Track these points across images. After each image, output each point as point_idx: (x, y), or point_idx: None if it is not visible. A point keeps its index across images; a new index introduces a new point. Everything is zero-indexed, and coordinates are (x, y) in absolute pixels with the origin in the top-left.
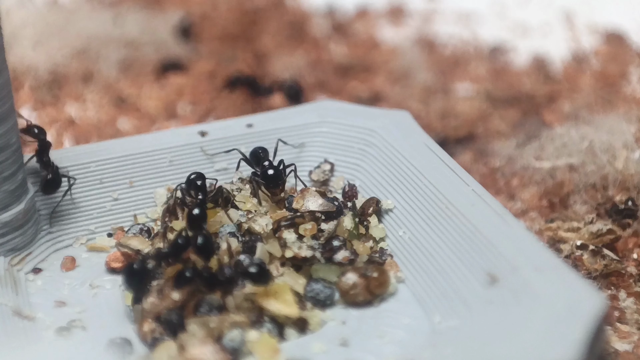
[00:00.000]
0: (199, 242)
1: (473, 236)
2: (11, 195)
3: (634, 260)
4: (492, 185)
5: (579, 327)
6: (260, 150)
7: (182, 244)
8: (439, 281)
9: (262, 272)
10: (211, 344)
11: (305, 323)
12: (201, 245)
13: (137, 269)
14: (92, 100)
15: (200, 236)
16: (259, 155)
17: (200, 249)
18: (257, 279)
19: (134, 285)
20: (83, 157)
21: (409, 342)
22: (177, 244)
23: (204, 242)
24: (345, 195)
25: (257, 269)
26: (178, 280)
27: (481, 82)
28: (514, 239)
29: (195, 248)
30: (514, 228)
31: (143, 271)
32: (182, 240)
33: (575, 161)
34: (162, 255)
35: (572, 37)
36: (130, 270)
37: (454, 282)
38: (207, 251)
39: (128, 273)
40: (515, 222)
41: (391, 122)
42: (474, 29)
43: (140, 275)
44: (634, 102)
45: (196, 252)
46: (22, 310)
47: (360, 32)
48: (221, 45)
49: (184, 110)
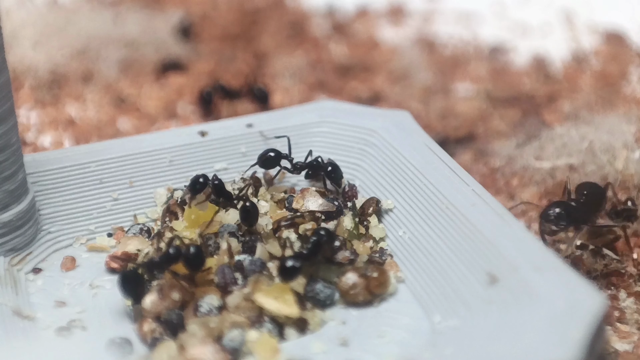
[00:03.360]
0: (190, 252)
1: (473, 236)
2: (11, 195)
3: (634, 260)
4: (492, 185)
5: (579, 327)
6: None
7: (173, 254)
8: (439, 281)
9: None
10: (211, 344)
11: (305, 323)
12: (191, 256)
13: (131, 276)
14: (92, 100)
15: (193, 247)
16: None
17: (189, 261)
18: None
19: (129, 292)
20: (83, 157)
21: (409, 342)
22: (169, 255)
23: (195, 253)
24: (345, 195)
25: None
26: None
27: (481, 82)
28: (514, 239)
29: (185, 259)
30: (514, 228)
31: (136, 278)
32: (174, 251)
33: (575, 161)
34: (154, 265)
35: (572, 37)
36: (124, 277)
37: (454, 282)
38: (197, 263)
39: (122, 280)
40: (515, 222)
41: (391, 122)
42: (474, 29)
43: (135, 282)
44: (634, 102)
45: (185, 263)
46: (22, 310)
47: (360, 32)
48: (221, 45)
49: (184, 110)
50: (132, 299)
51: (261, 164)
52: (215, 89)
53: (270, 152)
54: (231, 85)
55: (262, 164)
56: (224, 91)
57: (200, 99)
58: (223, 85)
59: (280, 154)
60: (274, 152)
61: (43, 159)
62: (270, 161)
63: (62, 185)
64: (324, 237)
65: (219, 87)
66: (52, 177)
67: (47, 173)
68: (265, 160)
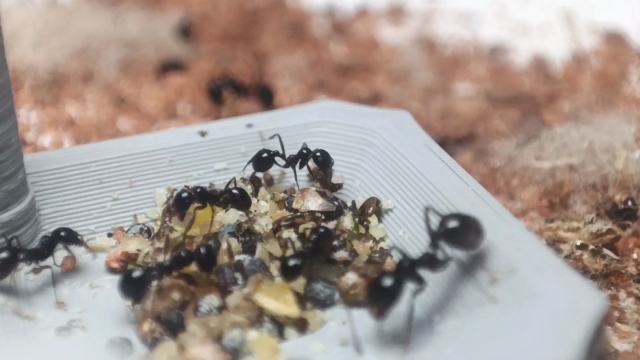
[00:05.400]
0: (202, 253)
1: None
2: (11, 195)
3: (634, 260)
4: (492, 185)
5: (579, 327)
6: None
7: (186, 257)
8: (439, 281)
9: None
10: (211, 344)
11: (305, 323)
12: (204, 257)
13: (136, 278)
14: (92, 100)
15: (203, 248)
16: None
17: (202, 262)
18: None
19: (131, 294)
20: (83, 157)
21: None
22: (180, 258)
23: (206, 253)
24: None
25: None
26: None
27: (481, 82)
28: (514, 239)
29: (198, 260)
30: (514, 228)
31: (141, 280)
32: (185, 254)
33: (575, 161)
34: (164, 269)
35: (572, 37)
36: (126, 279)
37: (454, 282)
38: (210, 263)
39: (124, 282)
40: (515, 222)
41: (391, 122)
42: (474, 29)
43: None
44: (634, 102)
45: (198, 264)
46: (22, 310)
47: (360, 32)
48: (221, 45)
49: (184, 110)
50: (133, 300)
51: (257, 167)
52: (224, 83)
53: (263, 153)
54: (242, 81)
55: (257, 167)
56: (233, 85)
57: (209, 91)
58: (233, 79)
59: (271, 153)
60: (267, 152)
61: (43, 159)
62: (265, 162)
63: (62, 185)
64: (324, 235)
65: (229, 81)
66: (52, 177)
67: (47, 173)
68: (259, 161)
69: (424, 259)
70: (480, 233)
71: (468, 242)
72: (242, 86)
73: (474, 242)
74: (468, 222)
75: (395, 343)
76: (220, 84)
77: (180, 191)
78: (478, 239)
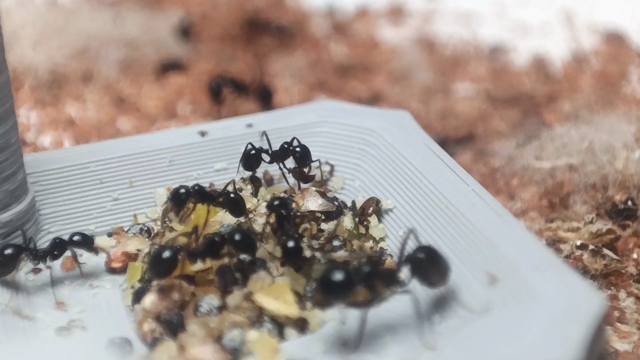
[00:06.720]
0: (236, 238)
1: (473, 236)
2: (11, 195)
3: (634, 260)
4: (492, 185)
5: (579, 327)
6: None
7: (219, 240)
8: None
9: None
10: (211, 344)
11: (305, 323)
12: (241, 240)
13: (167, 258)
14: (92, 100)
15: (237, 232)
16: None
17: (239, 244)
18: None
19: (160, 273)
20: (83, 157)
21: (409, 342)
22: (213, 241)
23: (242, 237)
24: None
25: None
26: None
27: (481, 82)
28: (514, 239)
29: (234, 243)
30: (514, 228)
31: (170, 260)
32: (219, 238)
33: (575, 161)
34: (195, 253)
35: (572, 37)
36: (158, 257)
37: (454, 282)
38: (249, 245)
39: (156, 260)
40: (515, 222)
41: (391, 122)
42: (474, 29)
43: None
44: (634, 102)
45: (235, 247)
46: (22, 310)
47: (360, 32)
48: (221, 45)
49: (184, 110)
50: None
51: (246, 165)
52: (225, 81)
53: (250, 151)
54: (242, 80)
55: (247, 166)
56: (234, 84)
57: (209, 90)
58: (233, 78)
59: (256, 149)
60: (253, 149)
61: (43, 159)
62: (253, 159)
63: (62, 185)
64: (280, 207)
65: (229, 80)
66: (52, 177)
67: (47, 173)
68: (247, 159)
69: (384, 272)
70: (443, 277)
71: (430, 280)
72: (242, 86)
73: (435, 281)
74: (436, 260)
75: (395, 343)
76: (221, 82)
77: (177, 187)
78: (440, 281)
